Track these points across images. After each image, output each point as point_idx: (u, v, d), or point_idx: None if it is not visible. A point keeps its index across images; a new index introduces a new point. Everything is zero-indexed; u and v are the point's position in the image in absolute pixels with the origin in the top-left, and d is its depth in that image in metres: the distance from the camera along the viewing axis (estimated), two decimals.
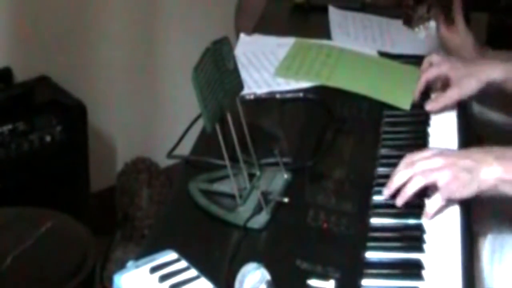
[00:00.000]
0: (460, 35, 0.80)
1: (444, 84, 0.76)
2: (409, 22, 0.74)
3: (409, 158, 0.61)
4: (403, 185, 0.60)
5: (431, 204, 0.59)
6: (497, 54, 0.81)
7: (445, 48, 0.83)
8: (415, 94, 0.77)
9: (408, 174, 0.60)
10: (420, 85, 0.76)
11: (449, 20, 0.77)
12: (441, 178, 0.59)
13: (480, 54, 0.81)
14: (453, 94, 0.73)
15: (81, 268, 0.83)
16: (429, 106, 0.74)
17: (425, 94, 0.78)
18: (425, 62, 0.78)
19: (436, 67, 0.76)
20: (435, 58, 0.77)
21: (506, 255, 0.64)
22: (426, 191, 0.60)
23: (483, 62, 0.74)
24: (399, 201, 0.60)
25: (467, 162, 0.59)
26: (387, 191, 0.60)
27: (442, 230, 0.59)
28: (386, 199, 0.61)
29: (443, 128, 0.74)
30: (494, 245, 0.65)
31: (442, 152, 0.61)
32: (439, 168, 0.59)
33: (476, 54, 0.81)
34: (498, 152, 0.59)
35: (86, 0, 1.20)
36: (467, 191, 0.58)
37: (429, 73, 0.76)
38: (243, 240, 0.57)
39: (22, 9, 1.13)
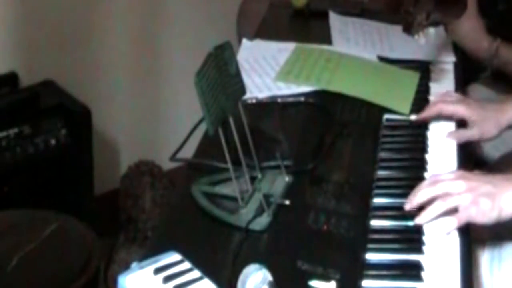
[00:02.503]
0: (472, 19, 0.78)
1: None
2: (409, 29, 0.75)
3: (433, 177, 0.61)
4: (424, 203, 0.59)
5: (449, 223, 0.59)
6: (508, 45, 0.79)
7: (455, 38, 0.82)
8: (422, 117, 0.74)
9: (430, 193, 0.59)
10: (431, 112, 0.73)
11: (460, 9, 0.74)
12: (462, 202, 0.58)
13: (490, 40, 0.79)
14: (473, 135, 0.72)
15: (85, 269, 0.84)
16: (450, 136, 0.72)
17: (425, 100, 0.79)
18: (439, 96, 0.75)
19: (452, 105, 0.73)
20: (451, 94, 0.75)
21: (505, 262, 0.64)
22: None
23: (500, 104, 0.72)
24: (419, 221, 0.60)
25: (489, 187, 0.58)
26: (408, 206, 0.60)
27: (440, 232, 0.60)
28: (408, 210, 0.60)
29: (442, 132, 0.75)
30: (493, 252, 0.65)
31: (466, 176, 0.61)
32: (460, 192, 0.59)
33: (486, 39, 0.79)
34: None
35: (90, 6, 1.21)
36: (486, 218, 0.58)
37: (444, 107, 0.73)
38: (245, 242, 0.57)
39: (27, 14, 1.14)
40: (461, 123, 0.75)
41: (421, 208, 0.60)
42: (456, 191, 0.59)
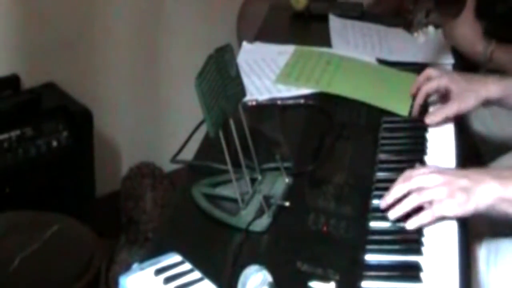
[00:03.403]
0: (467, 21, 0.79)
1: (443, 96, 0.76)
2: (408, 26, 0.76)
3: (407, 173, 0.61)
4: (399, 199, 0.60)
5: (420, 217, 0.59)
6: (503, 49, 0.81)
7: (450, 40, 0.82)
8: (415, 107, 0.76)
9: (405, 189, 0.60)
10: (420, 99, 0.76)
11: (457, 8, 0.75)
12: (436, 196, 0.58)
13: (485, 44, 0.80)
14: (452, 108, 0.73)
15: (86, 270, 0.84)
16: (428, 120, 0.74)
17: (423, 105, 0.79)
18: (422, 76, 0.77)
19: (435, 80, 0.75)
20: (433, 72, 0.77)
21: (501, 258, 0.64)
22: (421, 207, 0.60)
23: (483, 78, 0.74)
24: (392, 215, 0.60)
25: (464, 181, 0.58)
26: (383, 203, 0.61)
27: (439, 233, 0.60)
28: (382, 210, 0.61)
29: (441, 133, 0.76)
30: (489, 248, 0.65)
31: (440, 170, 0.61)
32: (435, 185, 0.59)
33: (481, 43, 0.80)
34: (496, 172, 0.59)
35: (92, 9, 1.22)
36: (462, 210, 0.58)
37: (428, 86, 0.75)
38: (246, 243, 0.58)
39: (29, 17, 1.14)
40: (460, 122, 0.76)
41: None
42: (431, 185, 0.59)
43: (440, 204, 0.59)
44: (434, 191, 0.59)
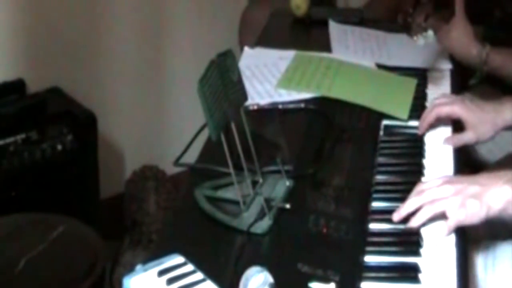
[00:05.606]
0: (460, 25, 0.80)
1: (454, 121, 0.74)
2: (408, 29, 0.77)
3: (419, 187, 0.61)
4: (413, 212, 0.60)
5: (441, 230, 0.59)
6: (497, 51, 0.81)
7: (445, 44, 0.83)
8: (424, 126, 0.74)
9: (418, 203, 0.60)
10: (430, 119, 0.74)
11: (450, 13, 0.76)
12: (449, 207, 0.58)
13: (479, 47, 0.80)
14: (471, 139, 0.72)
15: (91, 272, 0.85)
16: (447, 142, 0.73)
17: (422, 106, 0.80)
18: (441, 99, 0.76)
19: (448, 105, 0.74)
20: (446, 96, 0.76)
21: (499, 262, 0.65)
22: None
23: (497, 105, 0.72)
24: (409, 225, 0.60)
25: (475, 188, 0.59)
26: (397, 216, 0.61)
27: (437, 235, 0.61)
28: (397, 221, 0.61)
29: (439, 137, 0.76)
30: (487, 252, 0.66)
31: (451, 180, 0.61)
32: (448, 196, 0.59)
33: (475, 46, 0.81)
34: (508, 175, 0.59)
35: (96, 14, 1.23)
36: (475, 219, 0.58)
37: (440, 110, 0.73)
38: (247, 245, 0.59)
39: (34, 22, 1.16)
40: (458, 125, 0.75)
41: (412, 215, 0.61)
42: (443, 196, 0.60)
43: (454, 217, 0.59)
44: (446, 202, 0.59)
